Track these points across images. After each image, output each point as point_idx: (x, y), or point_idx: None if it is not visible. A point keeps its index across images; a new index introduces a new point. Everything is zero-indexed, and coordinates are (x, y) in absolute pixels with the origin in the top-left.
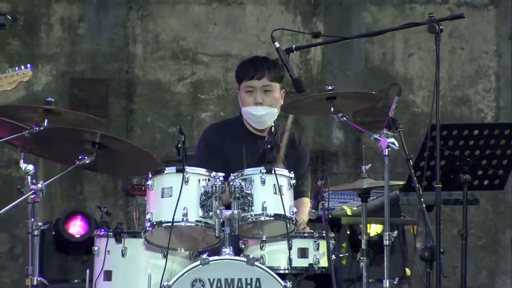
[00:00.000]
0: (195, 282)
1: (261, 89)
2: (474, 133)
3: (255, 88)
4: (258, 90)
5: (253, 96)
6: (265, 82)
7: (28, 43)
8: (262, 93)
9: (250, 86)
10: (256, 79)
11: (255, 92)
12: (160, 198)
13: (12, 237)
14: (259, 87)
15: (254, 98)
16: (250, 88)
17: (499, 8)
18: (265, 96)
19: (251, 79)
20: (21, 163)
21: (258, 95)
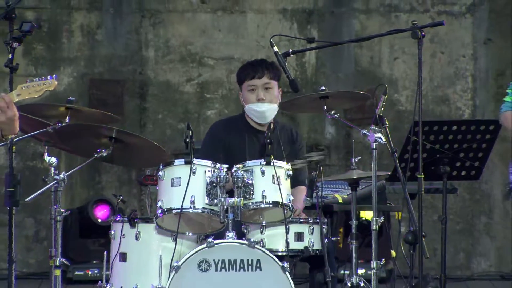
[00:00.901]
0: (202, 263)
1: (262, 87)
2: (453, 129)
3: (256, 86)
4: (259, 87)
5: (255, 93)
6: (265, 80)
7: (51, 47)
8: (263, 90)
9: (252, 85)
10: (257, 78)
11: (257, 90)
12: (170, 187)
13: (37, 222)
14: (260, 85)
15: (256, 95)
16: (252, 87)
17: (475, 16)
18: (266, 93)
19: (253, 79)
20: (45, 155)
21: (260, 92)
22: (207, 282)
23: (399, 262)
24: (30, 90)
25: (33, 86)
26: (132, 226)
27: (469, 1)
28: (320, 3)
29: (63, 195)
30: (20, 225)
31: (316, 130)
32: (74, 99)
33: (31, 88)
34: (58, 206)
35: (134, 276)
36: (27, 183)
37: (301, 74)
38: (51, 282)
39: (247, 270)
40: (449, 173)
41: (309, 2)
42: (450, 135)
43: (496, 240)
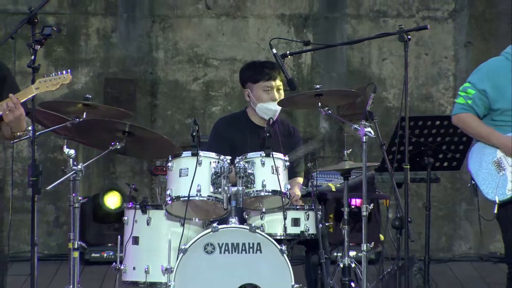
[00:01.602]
0: (207, 246)
1: (276, 88)
2: (436, 124)
3: (271, 87)
4: (274, 89)
5: (270, 94)
6: (279, 82)
7: (70, 50)
8: (277, 92)
9: (268, 86)
10: (273, 80)
11: (272, 91)
12: (178, 177)
13: (57, 208)
14: (275, 87)
15: (271, 96)
16: (268, 88)
17: (456, 21)
18: (278, 94)
19: (269, 80)
20: (64, 148)
21: (275, 93)
22: (212, 263)
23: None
24: (48, 84)
25: (50, 80)
26: (143, 213)
27: (451, 7)
28: (315, 9)
29: (80, 184)
30: (42, 211)
31: (311, 125)
32: (90, 97)
33: (48, 82)
34: (76, 194)
35: (146, 258)
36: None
37: (298, 74)
38: (70, 263)
39: (248, 252)
40: (433, 164)
41: (305, 8)
42: (433, 129)
43: (475, 225)
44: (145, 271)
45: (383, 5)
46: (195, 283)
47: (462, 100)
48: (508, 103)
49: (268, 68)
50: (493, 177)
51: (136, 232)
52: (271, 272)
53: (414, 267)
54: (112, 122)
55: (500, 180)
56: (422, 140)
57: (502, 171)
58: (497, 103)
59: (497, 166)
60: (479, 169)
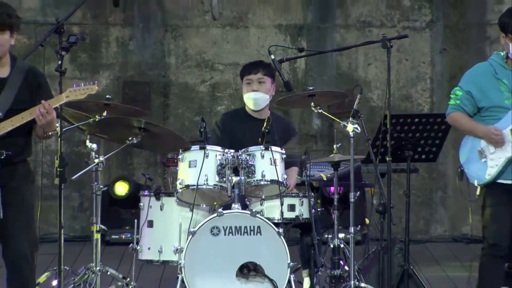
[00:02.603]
0: (213, 229)
1: (256, 81)
2: (415, 121)
3: (252, 80)
4: (254, 81)
5: (251, 86)
6: (259, 75)
7: (92, 56)
8: (257, 84)
9: (249, 79)
10: (253, 74)
11: (252, 83)
12: (188, 168)
13: (81, 195)
14: (255, 79)
15: (251, 87)
16: (249, 80)
17: (433, 31)
18: (259, 86)
19: (249, 74)
20: (87, 142)
21: (254, 85)
22: (217, 244)
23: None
24: (76, 93)
25: (78, 90)
26: (157, 199)
27: (428, 18)
28: (309, 20)
29: (101, 174)
30: (67, 198)
31: (305, 122)
32: (110, 97)
33: (77, 91)
34: (98, 183)
35: (159, 239)
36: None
37: (293, 77)
38: (92, 243)
39: (249, 234)
40: (412, 156)
41: (299, 19)
42: (412, 126)
43: (450, 210)
44: (159, 251)
45: (368, 16)
46: (202, 262)
47: (453, 102)
48: (490, 102)
49: (250, 65)
50: (476, 163)
51: (151, 217)
52: (270, 252)
53: (396, 247)
54: (130, 119)
55: (481, 166)
56: (403, 135)
57: (484, 158)
58: (481, 102)
59: (480, 154)
60: (467, 158)
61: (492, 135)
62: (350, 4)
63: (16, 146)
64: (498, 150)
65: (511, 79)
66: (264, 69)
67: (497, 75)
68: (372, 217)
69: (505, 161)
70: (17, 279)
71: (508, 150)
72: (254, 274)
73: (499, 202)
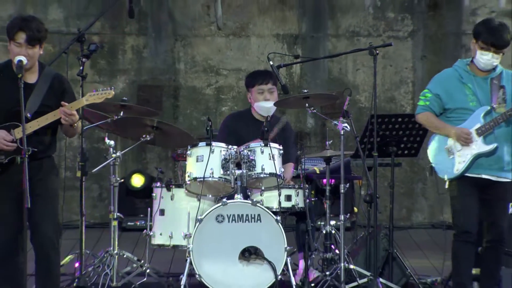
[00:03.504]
0: (218, 217)
1: (268, 91)
2: (398, 120)
3: (264, 89)
4: (266, 91)
5: (263, 95)
6: (270, 86)
7: (110, 62)
8: (269, 93)
9: (261, 89)
10: (265, 84)
11: (264, 92)
12: (196, 162)
13: (100, 187)
14: (267, 89)
15: (264, 96)
16: (261, 90)
17: (414, 40)
18: (271, 95)
19: (261, 84)
20: (106, 139)
21: (266, 94)
22: (222, 230)
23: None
24: (95, 97)
25: (96, 95)
26: (168, 190)
27: (410, 29)
28: (303, 30)
29: (118, 168)
30: (88, 189)
31: (300, 121)
32: (126, 99)
33: (95, 96)
34: (115, 175)
35: (170, 226)
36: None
37: (290, 81)
38: (110, 229)
39: (250, 221)
40: (396, 152)
41: (295, 29)
42: (396, 125)
43: (429, 200)
44: (169, 236)
45: (356, 27)
46: (208, 246)
47: (422, 103)
48: (456, 104)
49: (261, 76)
50: (445, 160)
51: (162, 206)
52: (269, 237)
53: (381, 233)
54: (143, 119)
55: (450, 162)
56: (387, 133)
57: (452, 155)
58: (448, 104)
59: (448, 151)
60: (436, 154)
61: (464, 135)
62: (340, 16)
63: (42, 144)
64: (464, 148)
65: (474, 83)
66: (272, 79)
67: (463, 80)
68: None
69: (471, 158)
70: (43, 261)
71: (474, 148)
72: (254, 257)
73: (467, 193)
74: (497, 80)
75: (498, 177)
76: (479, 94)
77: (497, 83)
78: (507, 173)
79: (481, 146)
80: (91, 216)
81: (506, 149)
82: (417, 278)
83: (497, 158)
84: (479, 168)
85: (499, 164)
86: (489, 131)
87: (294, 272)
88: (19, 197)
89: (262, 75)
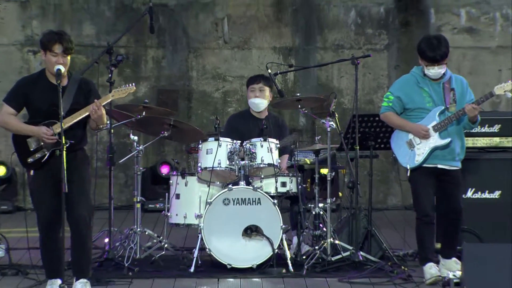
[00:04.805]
0: (225, 200)
1: (258, 89)
2: (376, 119)
3: (255, 88)
4: (256, 89)
5: (254, 93)
6: (260, 85)
7: (134, 70)
8: (259, 91)
9: (252, 87)
10: (255, 84)
11: (255, 91)
12: (206, 155)
13: (126, 175)
14: (257, 88)
15: (254, 94)
16: (252, 89)
17: (389, 52)
18: (260, 93)
19: (253, 84)
20: (131, 135)
21: (256, 92)
22: (228, 211)
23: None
24: (120, 92)
25: (121, 90)
26: (183, 178)
27: (385, 42)
28: (296, 43)
29: (141, 159)
30: (116, 177)
31: (294, 120)
32: (147, 101)
33: (120, 91)
34: (138, 165)
35: (184, 208)
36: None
37: (285, 86)
38: (134, 211)
39: (252, 204)
40: (373, 145)
41: (289, 43)
42: (374, 123)
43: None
44: (184, 217)
45: (341, 41)
46: (217, 225)
47: (386, 104)
48: (415, 104)
49: (254, 78)
50: (406, 152)
51: (178, 191)
52: (267, 217)
53: (361, 214)
54: (162, 118)
55: (410, 154)
56: (367, 130)
57: (412, 148)
58: (408, 104)
59: (409, 145)
60: (398, 147)
61: (422, 131)
62: (327, 31)
63: (76, 137)
64: (423, 142)
65: (430, 87)
66: (263, 80)
67: (419, 84)
68: (344, 191)
69: (429, 150)
70: (78, 237)
71: (431, 142)
72: (255, 234)
73: (426, 182)
74: (448, 84)
75: (450, 166)
76: (434, 96)
77: (448, 86)
78: (457, 162)
79: (437, 140)
80: (118, 199)
81: (457, 143)
82: (391, 251)
83: (450, 150)
84: (435, 159)
85: (452, 155)
86: (444, 128)
87: (289, 246)
88: (57, 184)
89: (254, 77)
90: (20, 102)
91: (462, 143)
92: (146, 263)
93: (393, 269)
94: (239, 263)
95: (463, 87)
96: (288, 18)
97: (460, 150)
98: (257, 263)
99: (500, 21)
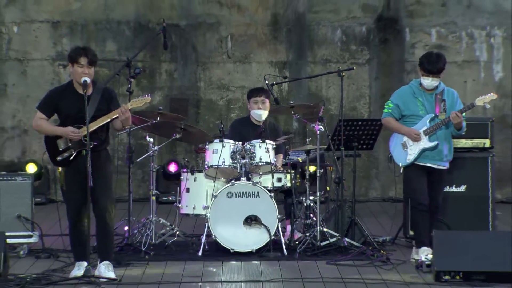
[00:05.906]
0: (228, 193)
1: (261, 101)
2: (359, 123)
3: (257, 101)
4: (259, 102)
5: (257, 105)
6: (263, 98)
7: (150, 81)
8: (262, 104)
9: (256, 100)
10: (258, 97)
11: (258, 103)
12: (212, 154)
13: (143, 172)
14: (260, 100)
15: (257, 106)
16: (256, 101)
17: (370, 65)
18: (263, 105)
19: (256, 96)
20: (147, 137)
21: (259, 104)
22: (231, 203)
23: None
24: (137, 102)
25: (138, 101)
26: (192, 174)
27: (367, 57)
28: (290, 58)
29: (156, 158)
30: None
31: (288, 124)
32: (162, 108)
33: (137, 101)
34: (153, 163)
35: (193, 200)
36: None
37: (280, 95)
38: (150, 203)
39: (252, 197)
40: (357, 146)
41: (284, 58)
42: (357, 127)
43: (381, 181)
44: (193, 208)
45: (328, 56)
46: (221, 215)
47: (386, 110)
48: (410, 111)
49: (256, 91)
50: (400, 152)
51: (188, 185)
52: (265, 208)
53: (346, 205)
54: (174, 122)
55: (404, 154)
56: (351, 133)
57: (406, 149)
58: (404, 111)
59: (403, 146)
60: (394, 147)
61: (414, 134)
62: (317, 48)
63: (100, 139)
64: (415, 144)
65: (424, 97)
66: (265, 93)
67: (415, 95)
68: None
69: (419, 151)
70: (102, 226)
71: (421, 144)
72: (254, 223)
73: (419, 175)
74: (440, 95)
75: (438, 165)
76: (427, 105)
77: (440, 97)
78: (445, 162)
79: (426, 143)
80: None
81: (444, 145)
82: (372, 238)
83: (438, 151)
84: (425, 158)
85: (440, 156)
86: (433, 132)
87: (283, 233)
88: (84, 179)
89: (256, 91)
90: (51, 109)
91: (450, 146)
92: (160, 247)
93: (373, 253)
94: (241, 248)
95: (454, 99)
96: (283, 36)
97: (448, 152)
98: (256, 248)
99: (465, 39)
